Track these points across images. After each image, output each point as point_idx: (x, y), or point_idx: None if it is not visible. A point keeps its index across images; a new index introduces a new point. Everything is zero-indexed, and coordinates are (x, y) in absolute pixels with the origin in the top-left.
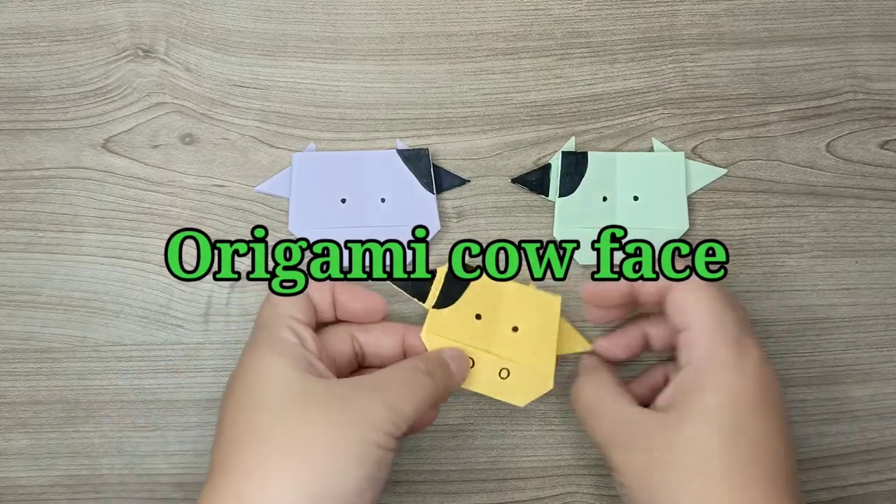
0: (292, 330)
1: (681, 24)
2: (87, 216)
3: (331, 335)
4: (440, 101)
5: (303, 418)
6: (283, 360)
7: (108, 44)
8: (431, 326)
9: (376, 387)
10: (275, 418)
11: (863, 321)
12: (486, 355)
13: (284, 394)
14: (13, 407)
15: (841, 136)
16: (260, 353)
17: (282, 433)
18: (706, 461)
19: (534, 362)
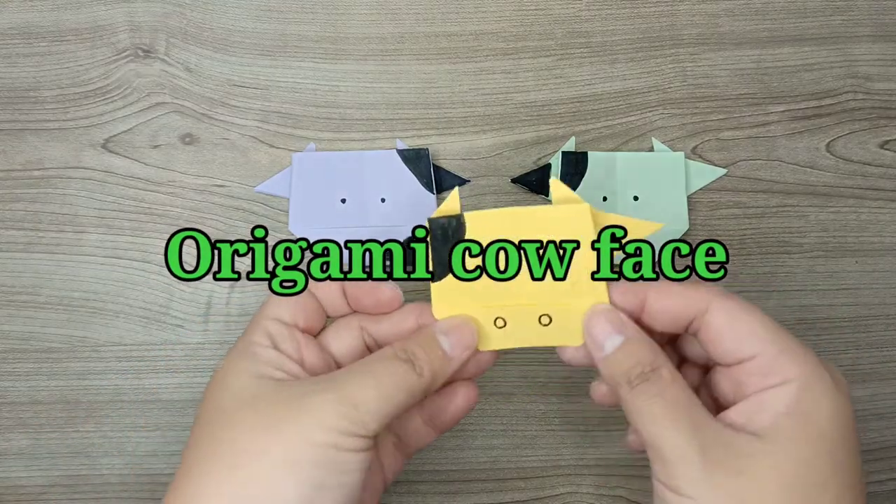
0: (267, 333)
1: (681, 24)
2: (87, 216)
3: (336, 331)
4: (440, 101)
5: (240, 423)
6: (243, 365)
7: (109, 44)
8: (440, 302)
9: (336, 382)
10: (228, 427)
11: (863, 321)
12: (518, 308)
13: (231, 402)
14: (13, 407)
15: (841, 136)
16: (226, 360)
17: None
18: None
19: (578, 295)
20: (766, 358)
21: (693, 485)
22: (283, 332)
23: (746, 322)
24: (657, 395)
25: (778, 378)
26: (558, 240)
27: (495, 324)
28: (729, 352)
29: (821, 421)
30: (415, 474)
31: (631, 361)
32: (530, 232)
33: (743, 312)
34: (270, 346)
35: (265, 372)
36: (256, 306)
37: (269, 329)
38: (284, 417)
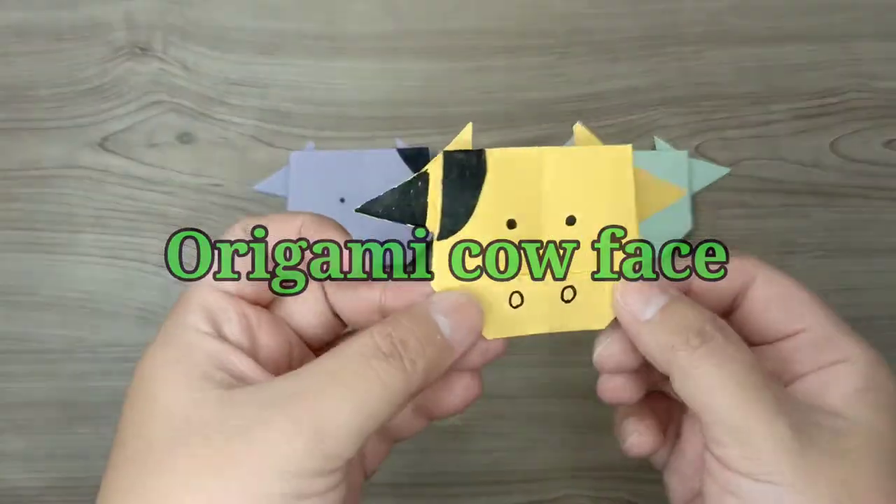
0: (204, 308)
1: (683, 22)
2: (83, 215)
3: (297, 299)
4: (440, 99)
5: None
6: (177, 368)
7: (105, 42)
8: (444, 271)
9: (296, 398)
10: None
11: (867, 321)
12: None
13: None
14: (9, 408)
15: (845, 135)
16: (149, 358)
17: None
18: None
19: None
20: (820, 331)
21: (786, 470)
22: (226, 307)
23: (797, 293)
24: (731, 359)
25: (838, 354)
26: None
27: (510, 302)
28: (778, 323)
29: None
30: (416, 476)
31: (685, 320)
32: (561, 178)
33: (792, 284)
34: (211, 333)
35: (204, 374)
36: None
37: (207, 304)
38: (228, 465)
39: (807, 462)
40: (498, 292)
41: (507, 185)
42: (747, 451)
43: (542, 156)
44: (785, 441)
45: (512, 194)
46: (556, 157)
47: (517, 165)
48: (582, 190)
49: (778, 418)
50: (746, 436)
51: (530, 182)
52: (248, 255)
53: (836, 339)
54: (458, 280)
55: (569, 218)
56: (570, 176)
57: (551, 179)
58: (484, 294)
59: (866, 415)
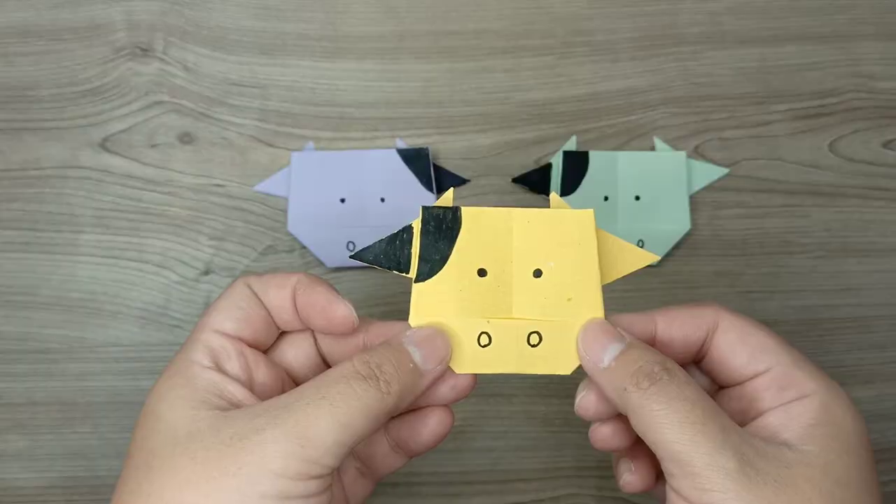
0: (207, 348)
1: (683, 23)
2: (84, 216)
3: (290, 338)
4: (440, 99)
5: (190, 476)
6: (178, 392)
7: (106, 42)
8: (419, 308)
9: (284, 412)
10: (143, 474)
11: (866, 322)
12: (505, 323)
13: (164, 440)
14: (10, 408)
15: (844, 136)
16: (158, 385)
17: (146, 494)
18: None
19: (572, 312)
20: (781, 370)
21: (730, 498)
22: (227, 347)
23: (757, 336)
24: (676, 397)
25: (797, 391)
26: (558, 246)
27: (479, 341)
28: (742, 366)
29: (847, 434)
30: (415, 476)
31: (637, 365)
32: (530, 235)
33: (753, 327)
34: (212, 367)
35: (204, 399)
36: None
37: (210, 344)
38: (223, 466)
39: (752, 491)
40: (467, 331)
41: (480, 238)
42: (696, 482)
43: (512, 215)
44: (730, 472)
45: (484, 246)
46: (525, 216)
47: (489, 222)
48: (548, 247)
49: (723, 450)
50: (692, 468)
51: (501, 237)
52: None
53: (795, 377)
54: (432, 318)
55: (535, 271)
56: (538, 234)
57: (520, 236)
58: (454, 332)
59: (816, 447)
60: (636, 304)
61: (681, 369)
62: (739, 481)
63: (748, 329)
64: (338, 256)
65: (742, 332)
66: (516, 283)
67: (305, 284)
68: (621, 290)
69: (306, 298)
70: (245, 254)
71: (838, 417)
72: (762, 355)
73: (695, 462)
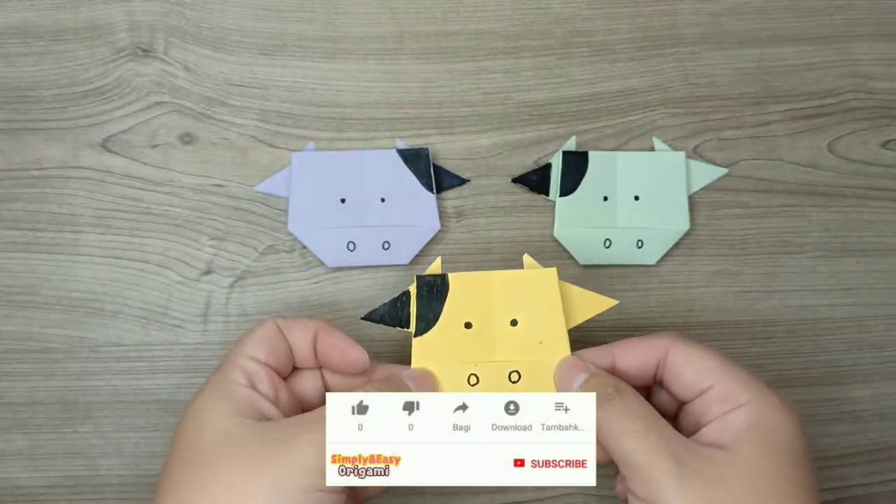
0: (244, 370)
1: (682, 24)
2: (85, 216)
3: (301, 374)
4: (440, 100)
5: (228, 467)
6: (222, 405)
7: (107, 43)
8: (419, 357)
9: (313, 424)
10: (199, 468)
11: (864, 321)
12: (490, 365)
13: (214, 442)
14: (12, 407)
15: (842, 136)
16: (201, 396)
17: (202, 484)
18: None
19: (544, 353)
20: (722, 386)
21: (668, 493)
22: (259, 371)
23: (702, 358)
24: (624, 412)
25: (734, 402)
26: (529, 300)
27: (468, 381)
28: (690, 385)
29: (776, 435)
30: None
31: (596, 388)
32: (505, 292)
33: (698, 350)
34: (248, 386)
35: (243, 410)
36: (255, 307)
37: (246, 367)
38: (267, 462)
39: (687, 486)
40: (459, 374)
41: (465, 297)
42: (644, 482)
43: (490, 277)
44: (668, 472)
45: (468, 304)
46: (501, 277)
47: (472, 283)
48: (521, 301)
49: (661, 454)
50: (639, 470)
51: (482, 295)
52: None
53: (733, 391)
54: (429, 364)
55: (512, 321)
56: (512, 291)
57: (497, 293)
58: (448, 375)
59: (745, 447)
60: (636, 303)
61: (631, 389)
62: (676, 479)
63: (694, 353)
64: (338, 256)
65: (689, 356)
66: (497, 332)
67: (326, 330)
68: (620, 291)
69: (328, 341)
70: (246, 254)
71: (768, 421)
72: (706, 374)
73: (641, 465)
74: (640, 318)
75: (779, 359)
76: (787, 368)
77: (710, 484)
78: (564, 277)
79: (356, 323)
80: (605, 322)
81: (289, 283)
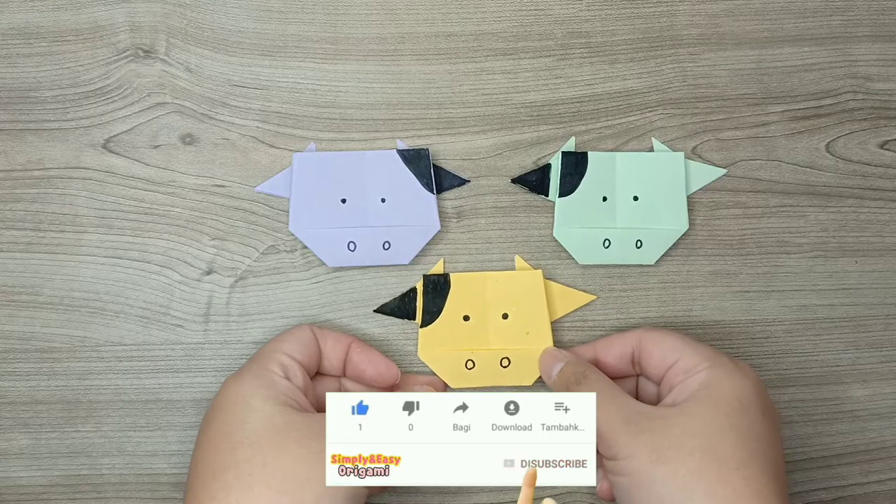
0: (281, 364)
1: (681, 25)
2: (87, 216)
3: (322, 381)
4: (440, 101)
5: (283, 450)
6: (265, 392)
7: (109, 44)
8: (424, 345)
9: None
10: (256, 450)
11: (862, 321)
12: (484, 352)
13: (264, 425)
14: (14, 407)
15: (841, 137)
16: (241, 383)
17: (262, 464)
18: (720, 448)
19: (531, 342)
20: (685, 360)
21: (622, 447)
22: (295, 367)
23: (667, 339)
24: (589, 390)
25: (693, 370)
26: (518, 296)
27: (466, 366)
28: (659, 363)
29: (723, 391)
30: None
31: (568, 375)
32: (498, 290)
33: (664, 334)
34: (284, 377)
35: (285, 400)
36: (256, 306)
37: (283, 361)
38: (309, 441)
39: (634, 438)
40: (458, 360)
41: (464, 294)
42: (604, 443)
43: (485, 276)
44: (619, 430)
45: (466, 300)
46: (495, 277)
47: (470, 282)
48: (511, 297)
49: (615, 417)
50: (600, 433)
51: (478, 292)
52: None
53: (692, 361)
54: (433, 351)
55: (504, 314)
56: (504, 289)
57: (491, 291)
58: (449, 360)
59: (692, 403)
60: (635, 303)
61: (596, 372)
62: (625, 434)
63: (661, 336)
64: (339, 256)
65: (656, 339)
66: (491, 324)
67: (361, 345)
68: (620, 290)
69: (364, 356)
70: (247, 254)
71: (719, 381)
72: (671, 352)
73: (601, 430)
74: (640, 318)
75: (777, 358)
76: (785, 368)
77: (655, 434)
78: (564, 277)
79: (356, 323)
80: (606, 321)
81: (290, 283)
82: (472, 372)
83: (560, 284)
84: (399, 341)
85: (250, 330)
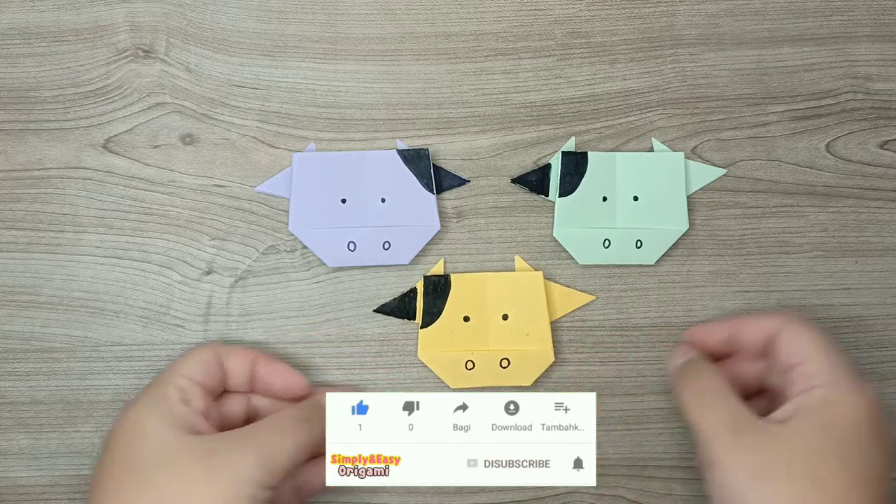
0: (178, 388)
1: (681, 25)
2: (87, 216)
3: (229, 399)
4: (440, 101)
5: (176, 475)
6: (159, 417)
7: (109, 44)
8: (424, 345)
9: (249, 437)
10: (148, 476)
11: (862, 321)
12: (484, 353)
13: (157, 451)
14: (14, 407)
15: (840, 137)
16: (136, 409)
17: (155, 490)
18: (824, 475)
19: (530, 343)
20: (809, 364)
21: (721, 458)
22: (194, 389)
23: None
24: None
25: (815, 382)
26: (518, 298)
27: (466, 366)
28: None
29: (836, 416)
30: None
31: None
32: (498, 291)
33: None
34: (181, 401)
35: (180, 424)
36: (256, 306)
37: (181, 385)
38: (213, 471)
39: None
40: (458, 360)
41: (464, 295)
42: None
43: (485, 277)
44: (724, 441)
45: (467, 301)
46: (494, 278)
47: (470, 283)
48: (511, 299)
49: (722, 425)
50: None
51: (478, 293)
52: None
53: (817, 369)
54: (434, 352)
55: (503, 315)
56: (504, 290)
57: (491, 292)
58: (449, 361)
59: (802, 424)
60: (635, 303)
61: (711, 370)
62: (728, 444)
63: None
64: (339, 256)
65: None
66: (490, 325)
67: (266, 358)
68: (620, 291)
69: (269, 368)
70: (247, 254)
71: (833, 402)
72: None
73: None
74: (640, 318)
75: None
76: None
77: (759, 453)
78: (564, 277)
79: (356, 323)
80: (606, 321)
81: (290, 283)
82: (472, 372)
83: (560, 285)
84: (399, 341)
85: (250, 330)
